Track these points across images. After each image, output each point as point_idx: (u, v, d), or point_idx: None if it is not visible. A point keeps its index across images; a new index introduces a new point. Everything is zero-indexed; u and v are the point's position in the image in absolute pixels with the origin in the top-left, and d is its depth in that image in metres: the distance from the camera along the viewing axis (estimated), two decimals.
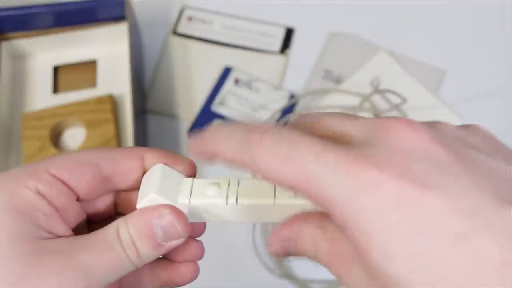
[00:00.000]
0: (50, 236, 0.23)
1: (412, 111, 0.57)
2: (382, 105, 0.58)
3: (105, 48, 0.57)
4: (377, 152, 0.19)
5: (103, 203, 0.27)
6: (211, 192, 0.25)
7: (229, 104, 0.58)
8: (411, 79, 0.59)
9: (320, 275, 0.50)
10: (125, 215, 0.25)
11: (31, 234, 0.22)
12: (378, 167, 0.18)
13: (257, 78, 0.60)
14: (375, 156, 0.18)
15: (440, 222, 0.17)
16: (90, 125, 0.51)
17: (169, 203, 0.24)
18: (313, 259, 0.22)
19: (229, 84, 0.59)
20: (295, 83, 0.60)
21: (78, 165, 0.25)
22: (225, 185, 0.25)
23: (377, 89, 0.58)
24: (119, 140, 0.52)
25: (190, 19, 0.64)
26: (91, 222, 0.27)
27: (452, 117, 0.57)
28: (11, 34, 0.55)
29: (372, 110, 0.57)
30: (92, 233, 0.24)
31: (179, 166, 0.26)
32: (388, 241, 0.17)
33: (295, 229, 0.22)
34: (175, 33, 0.63)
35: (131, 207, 0.26)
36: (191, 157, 0.24)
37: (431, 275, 0.17)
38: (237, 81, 0.59)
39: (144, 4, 0.63)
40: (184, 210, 0.25)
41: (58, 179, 0.24)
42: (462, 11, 0.64)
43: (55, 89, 0.56)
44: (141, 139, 0.54)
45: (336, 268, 0.21)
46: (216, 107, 0.58)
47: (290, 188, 0.20)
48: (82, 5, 0.54)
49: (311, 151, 0.19)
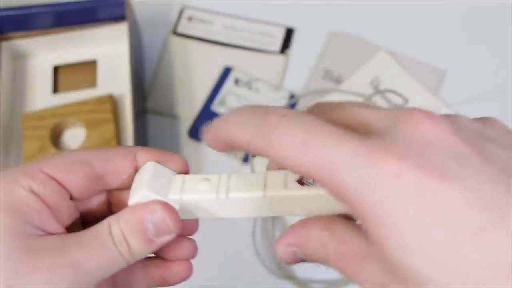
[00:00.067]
0: (43, 233, 0.23)
1: None
2: (382, 105, 0.58)
3: (105, 48, 0.57)
4: (397, 142, 0.18)
5: (96, 202, 0.27)
6: (202, 187, 0.25)
7: (229, 104, 0.58)
8: (411, 79, 0.59)
9: (320, 275, 0.50)
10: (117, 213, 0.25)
11: (23, 232, 0.23)
12: (397, 157, 0.18)
13: (257, 78, 0.60)
14: (394, 146, 0.18)
15: (458, 215, 0.17)
16: (90, 125, 0.51)
17: (160, 199, 0.24)
18: (322, 263, 0.22)
19: (229, 84, 0.59)
20: (295, 83, 0.60)
21: (71, 164, 0.25)
22: (216, 180, 0.25)
23: (378, 89, 0.58)
24: (119, 140, 0.52)
25: (190, 19, 0.64)
26: (86, 223, 0.27)
27: None
28: (11, 34, 0.55)
29: None
30: (84, 230, 0.24)
31: (171, 164, 0.26)
32: (405, 232, 0.17)
33: (302, 233, 0.22)
34: (175, 33, 0.63)
35: (124, 206, 0.26)
36: (206, 145, 0.23)
37: (447, 268, 0.17)
38: (237, 81, 0.59)
39: (144, 4, 0.63)
40: (176, 206, 0.25)
41: (52, 177, 0.24)
42: (462, 11, 0.64)
43: (55, 89, 0.56)
44: (141, 139, 0.54)
45: (346, 268, 0.20)
46: (216, 107, 0.58)
47: (306, 175, 0.20)
48: (82, 5, 0.55)
49: (330, 138, 0.19)
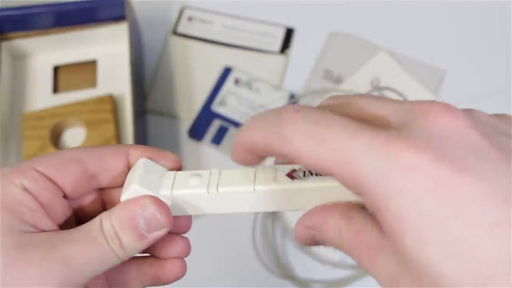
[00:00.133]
0: (36, 230, 0.23)
1: None
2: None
3: (105, 48, 0.57)
4: (415, 135, 0.18)
5: (90, 200, 0.27)
6: (193, 183, 0.25)
7: (229, 104, 0.58)
8: (411, 79, 0.59)
9: (320, 275, 0.50)
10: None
11: (15, 228, 0.23)
12: (415, 149, 0.18)
13: (257, 78, 0.60)
14: (412, 138, 0.18)
15: (476, 209, 0.17)
16: (90, 125, 0.51)
17: (151, 194, 0.25)
18: (337, 249, 0.22)
19: (229, 84, 0.59)
20: (295, 83, 0.60)
21: (64, 163, 0.25)
22: (207, 175, 0.25)
23: (377, 87, 0.58)
24: (119, 140, 0.52)
25: (190, 19, 0.64)
26: (81, 222, 0.27)
27: None
28: (11, 34, 0.55)
29: None
30: (76, 227, 0.24)
31: (164, 161, 0.26)
32: (422, 226, 0.17)
33: (320, 218, 0.22)
34: (175, 33, 0.63)
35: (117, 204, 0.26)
36: (237, 164, 0.23)
37: (463, 263, 0.17)
38: (237, 81, 0.59)
39: (144, 4, 0.63)
40: (167, 202, 0.25)
41: (44, 175, 0.24)
42: (462, 11, 0.64)
43: (55, 89, 0.56)
44: (141, 139, 0.54)
45: (361, 258, 0.20)
46: (216, 107, 0.58)
47: (322, 169, 0.19)
48: (82, 5, 0.54)
49: (346, 131, 0.19)
